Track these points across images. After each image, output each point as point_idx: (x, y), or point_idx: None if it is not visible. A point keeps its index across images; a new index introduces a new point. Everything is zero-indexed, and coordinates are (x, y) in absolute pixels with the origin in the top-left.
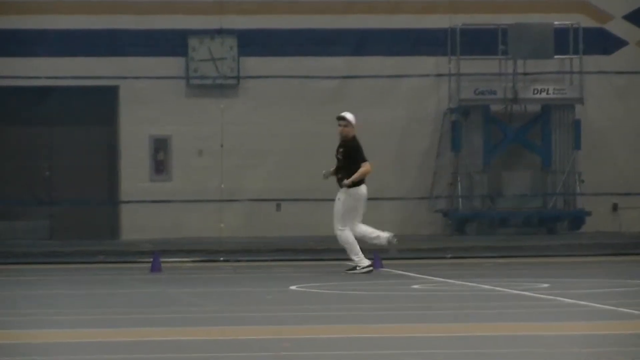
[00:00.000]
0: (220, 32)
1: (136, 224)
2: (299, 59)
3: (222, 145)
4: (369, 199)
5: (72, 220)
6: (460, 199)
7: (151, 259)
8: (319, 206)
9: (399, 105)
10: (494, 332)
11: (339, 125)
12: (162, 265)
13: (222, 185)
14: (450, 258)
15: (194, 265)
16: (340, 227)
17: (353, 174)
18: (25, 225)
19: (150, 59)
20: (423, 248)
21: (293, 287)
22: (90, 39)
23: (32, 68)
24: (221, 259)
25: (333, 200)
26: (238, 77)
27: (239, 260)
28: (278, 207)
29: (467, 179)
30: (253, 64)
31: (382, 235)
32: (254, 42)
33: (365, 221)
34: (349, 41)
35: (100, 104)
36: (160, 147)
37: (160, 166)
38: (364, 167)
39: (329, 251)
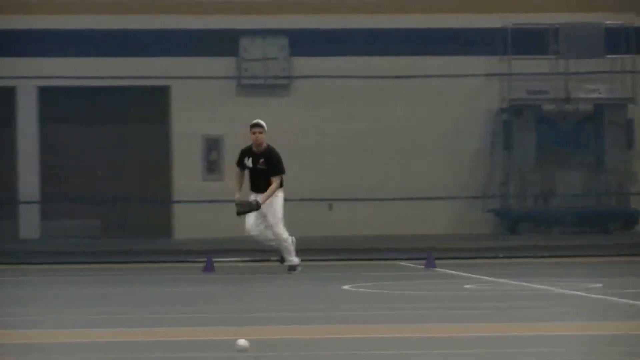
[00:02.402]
0: (271, 32)
1: (188, 223)
2: (350, 59)
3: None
4: (421, 198)
5: (124, 219)
6: (512, 199)
7: (204, 259)
8: (371, 205)
9: (450, 105)
10: (544, 332)
11: (254, 132)
12: (215, 265)
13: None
14: (503, 257)
15: (246, 265)
16: (283, 228)
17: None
18: (77, 224)
19: (202, 59)
20: (476, 248)
21: (346, 287)
22: (142, 40)
23: (84, 68)
24: (273, 258)
25: (386, 200)
26: (289, 77)
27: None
28: (330, 206)
29: (520, 178)
30: (304, 64)
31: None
32: (305, 42)
33: (418, 220)
34: (401, 41)
35: (153, 103)
36: (212, 147)
37: (212, 166)
38: (278, 183)
39: (381, 250)
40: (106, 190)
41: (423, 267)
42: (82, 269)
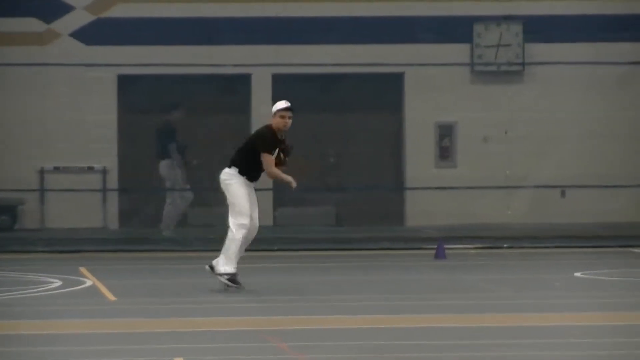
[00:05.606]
0: (506, 18)
1: (421, 210)
2: (587, 45)
3: (506, 132)
4: None
5: (358, 206)
6: None
7: (435, 246)
8: (605, 193)
9: None
10: None
11: (290, 117)
12: (447, 251)
13: (508, 172)
14: None
15: (478, 251)
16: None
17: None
18: (313, 212)
19: (436, 46)
20: None
21: (577, 274)
22: (378, 26)
23: (322, 55)
24: (505, 245)
25: (621, 187)
26: (523, 64)
27: (523, 247)
28: (562, 193)
29: None
30: (539, 50)
31: None
32: (540, 29)
33: None
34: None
35: (386, 90)
36: (445, 134)
37: (445, 152)
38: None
39: (615, 238)
40: (341, 178)
41: None
42: (317, 256)
